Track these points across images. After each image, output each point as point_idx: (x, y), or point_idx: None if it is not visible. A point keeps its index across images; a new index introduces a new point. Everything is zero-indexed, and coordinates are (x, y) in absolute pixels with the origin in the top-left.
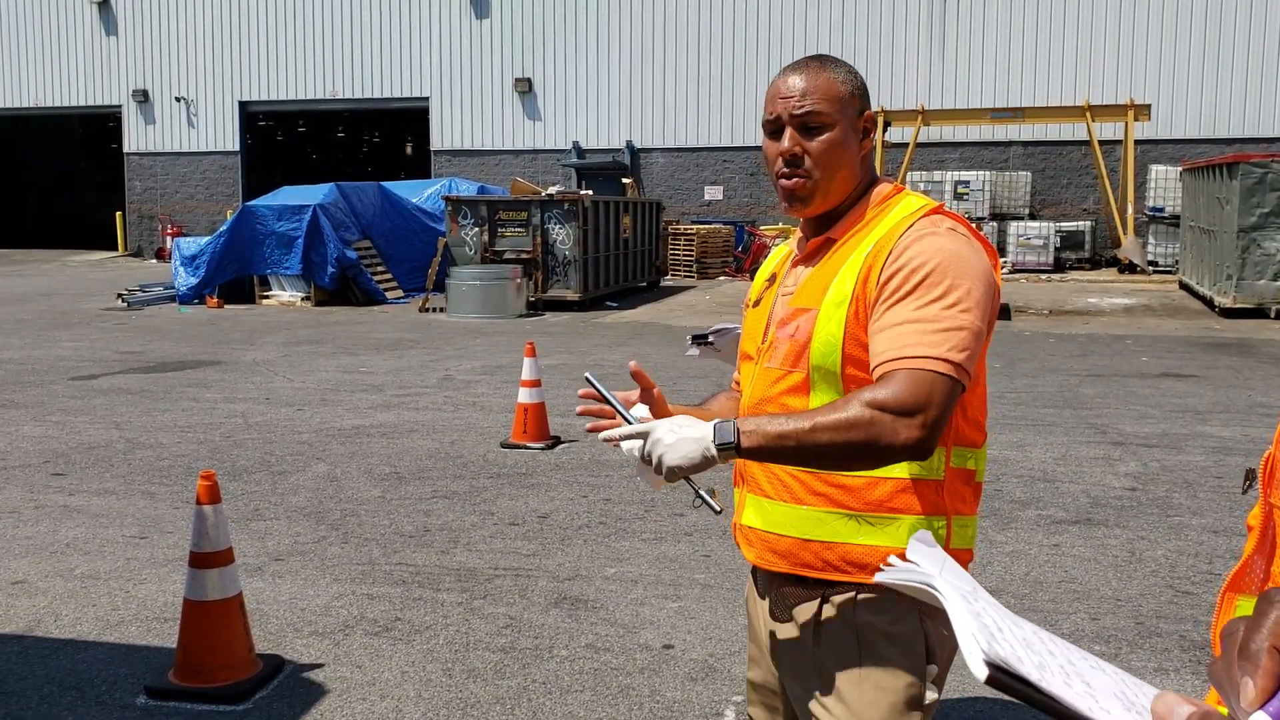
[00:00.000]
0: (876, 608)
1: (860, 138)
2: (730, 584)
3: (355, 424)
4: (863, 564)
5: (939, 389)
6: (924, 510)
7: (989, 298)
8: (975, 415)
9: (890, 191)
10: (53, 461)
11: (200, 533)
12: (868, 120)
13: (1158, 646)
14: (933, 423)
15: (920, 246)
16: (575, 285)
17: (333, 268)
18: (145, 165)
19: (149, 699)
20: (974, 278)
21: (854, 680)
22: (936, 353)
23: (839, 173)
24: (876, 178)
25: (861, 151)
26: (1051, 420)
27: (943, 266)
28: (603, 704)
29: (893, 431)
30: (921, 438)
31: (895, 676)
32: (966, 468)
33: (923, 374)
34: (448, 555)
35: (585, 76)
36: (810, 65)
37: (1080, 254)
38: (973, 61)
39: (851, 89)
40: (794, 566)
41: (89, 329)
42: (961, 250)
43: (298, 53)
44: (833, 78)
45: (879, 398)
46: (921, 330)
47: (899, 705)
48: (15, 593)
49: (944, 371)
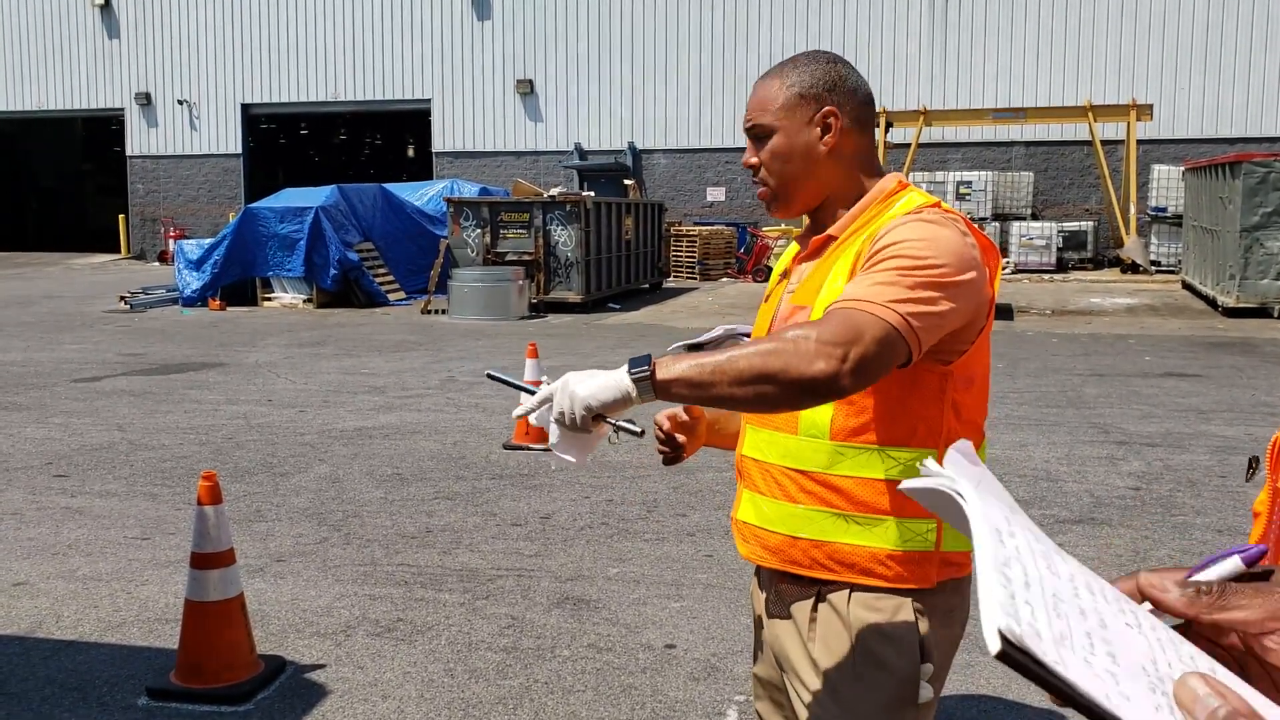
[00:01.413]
0: (871, 605)
1: (822, 134)
2: (733, 584)
3: (357, 425)
4: (850, 563)
5: (872, 330)
6: (912, 512)
7: (967, 284)
8: (971, 416)
9: (894, 188)
10: (55, 463)
11: (201, 533)
12: (826, 115)
13: None
14: (856, 360)
15: (902, 230)
16: (577, 287)
17: (335, 270)
18: (148, 168)
19: (150, 700)
20: (951, 260)
21: (848, 677)
22: (881, 299)
23: (794, 175)
24: (882, 172)
25: (827, 146)
26: (1055, 420)
27: (918, 244)
28: (605, 704)
29: (808, 359)
30: (837, 372)
31: (888, 674)
32: None
33: (859, 314)
34: (450, 556)
35: (587, 78)
36: (764, 75)
37: (1083, 254)
38: (975, 62)
39: (801, 90)
40: (784, 563)
41: (92, 331)
42: (943, 234)
43: (300, 55)
44: (778, 84)
45: (802, 328)
46: (875, 283)
47: (892, 703)
48: (17, 594)
49: (883, 317)
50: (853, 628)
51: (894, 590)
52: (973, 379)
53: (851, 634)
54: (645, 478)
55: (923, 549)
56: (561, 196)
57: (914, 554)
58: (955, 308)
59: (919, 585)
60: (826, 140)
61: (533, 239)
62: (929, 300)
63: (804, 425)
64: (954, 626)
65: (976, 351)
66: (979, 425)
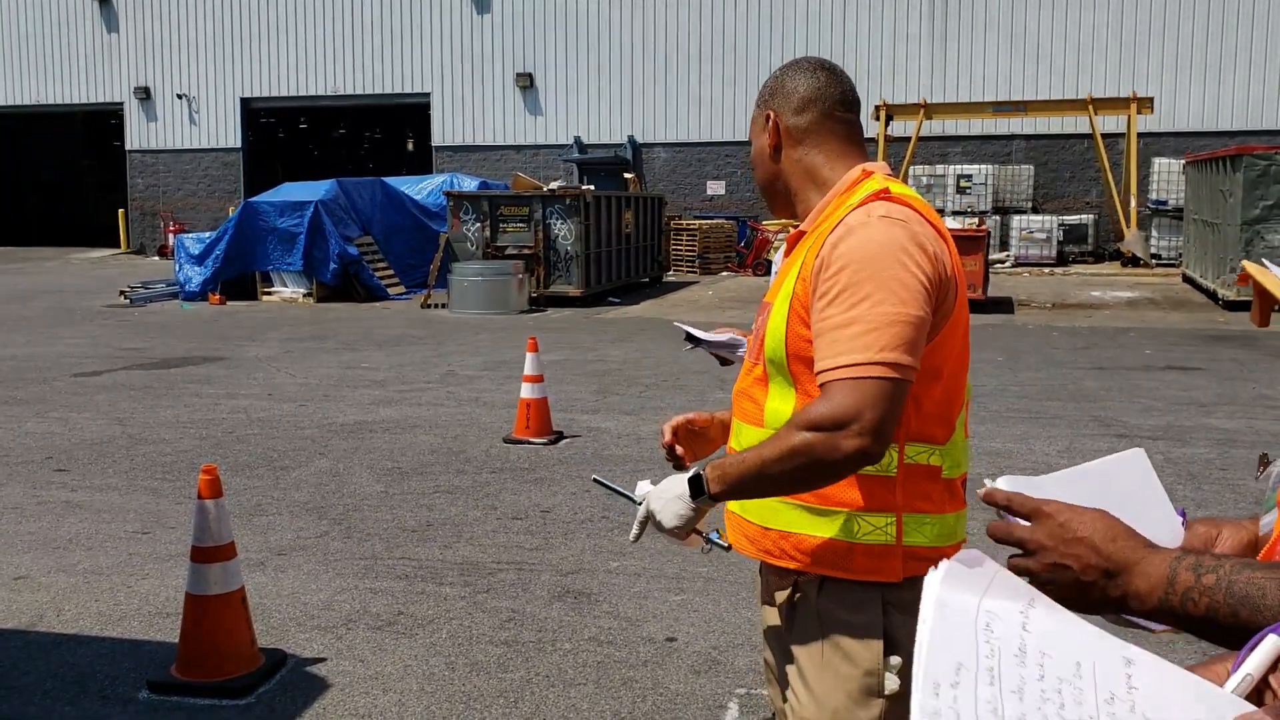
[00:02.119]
0: (837, 597)
1: (771, 139)
2: (733, 578)
3: (358, 419)
4: (814, 554)
5: (872, 392)
6: (866, 506)
7: (930, 281)
8: (932, 410)
9: (857, 178)
10: (55, 457)
11: (202, 527)
12: (769, 119)
13: (1164, 638)
14: (872, 427)
15: (848, 244)
16: (577, 281)
17: (334, 264)
18: (147, 162)
19: (151, 693)
20: (905, 266)
21: (816, 667)
22: (866, 356)
23: (761, 178)
24: (857, 163)
25: (770, 146)
26: (1055, 413)
27: (868, 262)
28: (606, 696)
29: (832, 447)
30: (864, 445)
31: (852, 665)
32: (928, 464)
33: (853, 382)
34: (450, 550)
35: (587, 71)
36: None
37: (1083, 247)
38: (975, 55)
39: (758, 102)
40: (760, 552)
41: (92, 326)
42: (892, 240)
43: (299, 49)
44: (756, 103)
45: (811, 417)
46: (853, 335)
47: (855, 694)
48: (18, 588)
49: (877, 375)
50: (822, 619)
51: (862, 583)
52: (940, 371)
53: (821, 625)
54: (645, 473)
55: (883, 542)
56: (561, 190)
57: (875, 547)
58: (928, 309)
59: (884, 579)
60: (769, 141)
61: (532, 233)
62: (905, 321)
63: (768, 417)
64: None
65: (942, 343)
66: (948, 419)
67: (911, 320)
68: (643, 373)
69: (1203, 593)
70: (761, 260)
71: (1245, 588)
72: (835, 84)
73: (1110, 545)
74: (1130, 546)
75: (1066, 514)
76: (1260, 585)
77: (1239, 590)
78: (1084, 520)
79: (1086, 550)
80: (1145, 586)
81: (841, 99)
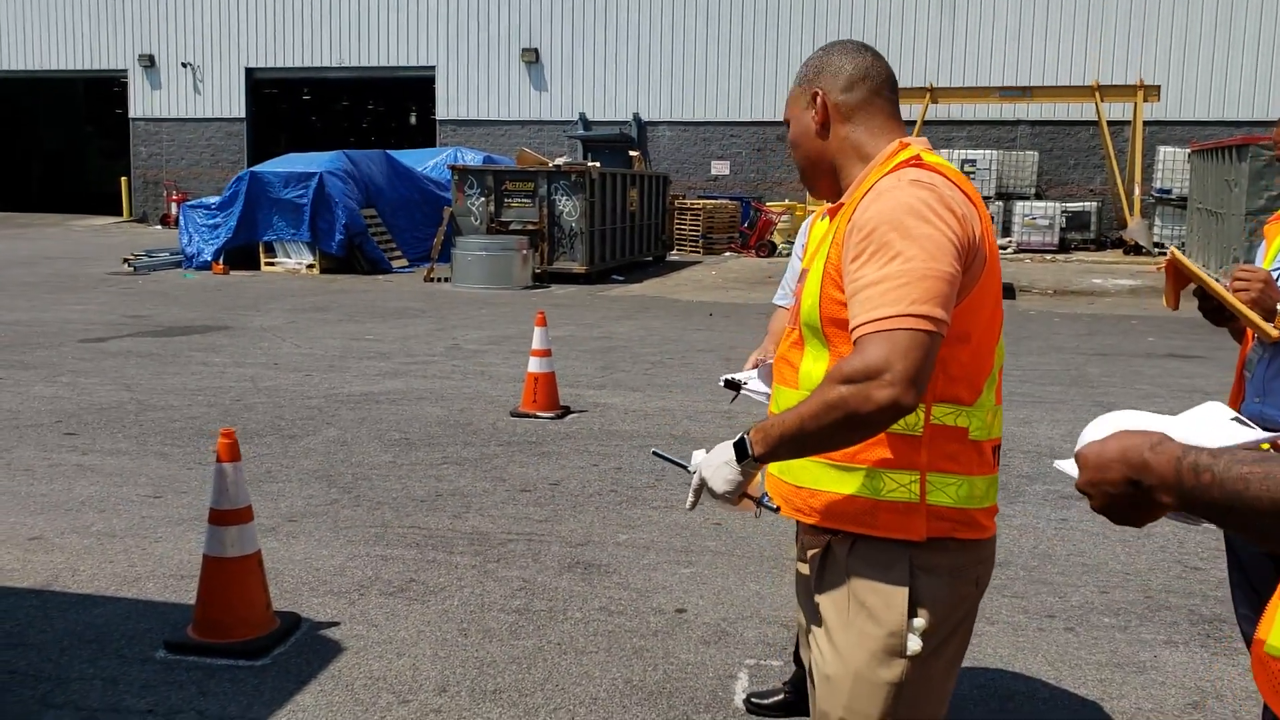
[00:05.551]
0: (866, 557)
1: (814, 115)
2: (741, 551)
3: (364, 390)
4: (841, 512)
5: (904, 342)
6: (892, 464)
7: (960, 240)
8: (959, 373)
9: (894, 149)
10: (65, 421)
11: (220, 490)
12: (814, 97)
13: (1166, 620)
14: (904, 377)
15: (878, 206)
16: (581, 258)
17: (340, 235)
18: (151, 131)
19: (168, 653)
20: (934, 224)
21: (842, 625)
22: (898, 309)
23: (804, 157)
24: (897, 137)
25: (816, 123)
26: (1058, 398)
27: (899, 223)
28: (617, 665)
29: (865, 398)
30: (896, 395)
31: (877, 625)
32: (955, 425)
33: (885, 334)
34: (460, 520)
35: (593, 48)
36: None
37: (1086, 235)
38: (982, 39)
39: (799, 82)
40: (793, 511)
41: (96, 293)
42: (920, 201)
43: (304, 20)
44: (793, 83)
45: (845, 371)
46: (885, 290)
47: (879, 653)
48: (32, 548)
49: (908, 326)
50: (849, 577)
51: (890, 541)
52: (968, 335)
53: (848, 583)
54: (653, 446)
55: (906, 499)
56: (567, 166)
57: (899, 504)
58: (959, 267)
59: (908, 536)
60: (815, 118)
61: (537, 209)
62: (936, 276)
63: (803, 379)
64: (962, 585)
65: (971, 306)
66: (974, 383)
67: (943, 275)
68: (648, 349)
69: (1204, 488)
70: (765, 241)
71: (1233, 484)
72: (881, 64)
73: (1124, 457)
74: (1135, 448)
75: (1093, 450)
76: (1245, 478)
77: (1230, 486)
78: (1106, 447)
79: (1115, 471)
80: (1158, 481)
81: (888, 78)
